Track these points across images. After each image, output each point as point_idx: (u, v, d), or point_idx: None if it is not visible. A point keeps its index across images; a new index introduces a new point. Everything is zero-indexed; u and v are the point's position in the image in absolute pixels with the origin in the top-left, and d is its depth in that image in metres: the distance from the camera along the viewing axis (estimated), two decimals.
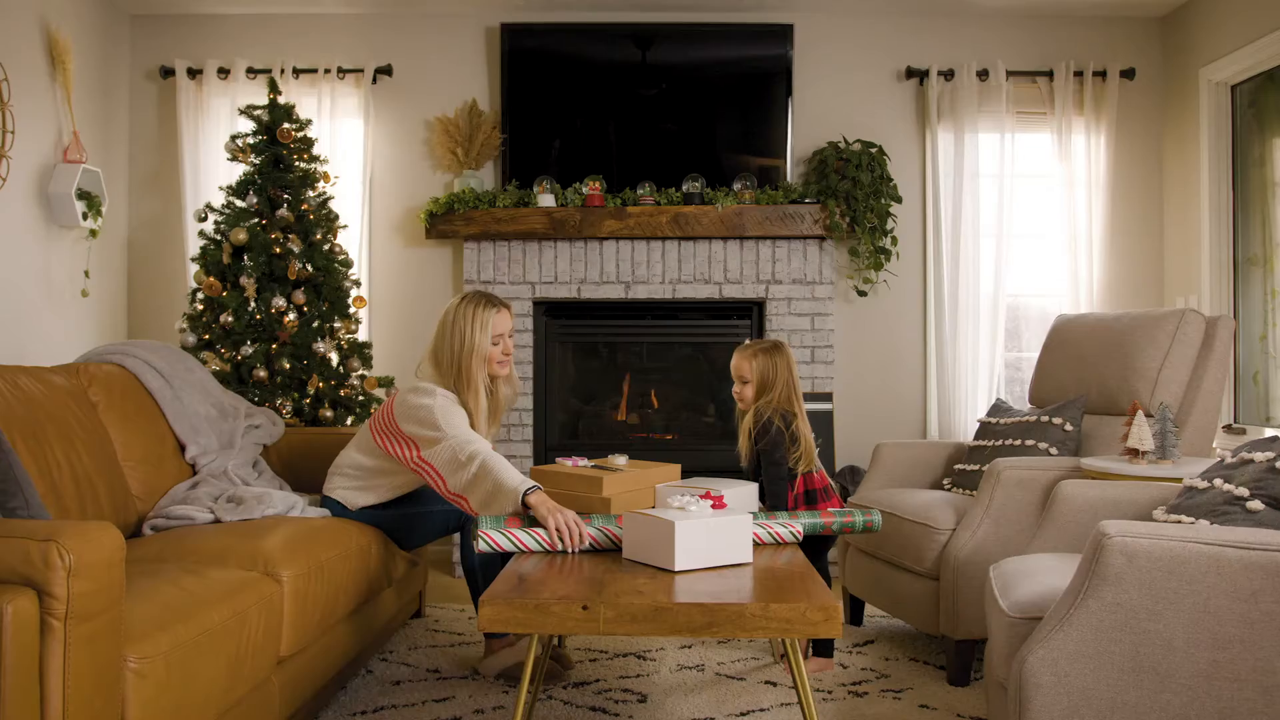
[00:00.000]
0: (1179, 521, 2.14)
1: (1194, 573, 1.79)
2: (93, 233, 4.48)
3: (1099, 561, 1.83)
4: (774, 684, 2.93)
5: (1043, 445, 3.23)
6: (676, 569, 2.23)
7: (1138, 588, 1.81)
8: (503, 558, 3.00)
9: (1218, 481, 2.15)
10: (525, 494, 2.55)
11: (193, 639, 1.86)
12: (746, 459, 3.07)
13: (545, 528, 2.45)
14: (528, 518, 2.52)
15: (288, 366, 4.10)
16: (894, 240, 4.70)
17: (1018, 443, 3.30)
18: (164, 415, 3.13)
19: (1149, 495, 2.48)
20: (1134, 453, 2.82)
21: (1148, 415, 3.07)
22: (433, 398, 2.84)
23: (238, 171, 4.39)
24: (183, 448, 3.13)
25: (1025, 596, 2.05)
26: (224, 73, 4.80)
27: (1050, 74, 4.80)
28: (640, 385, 5.01)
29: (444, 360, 2.94)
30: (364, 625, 2.87)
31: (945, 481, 3.56)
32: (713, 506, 2.36)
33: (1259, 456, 2.12)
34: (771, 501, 2.97)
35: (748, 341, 3.25)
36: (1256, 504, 2.02)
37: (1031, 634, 1.93)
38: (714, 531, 2.28)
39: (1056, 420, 3.27)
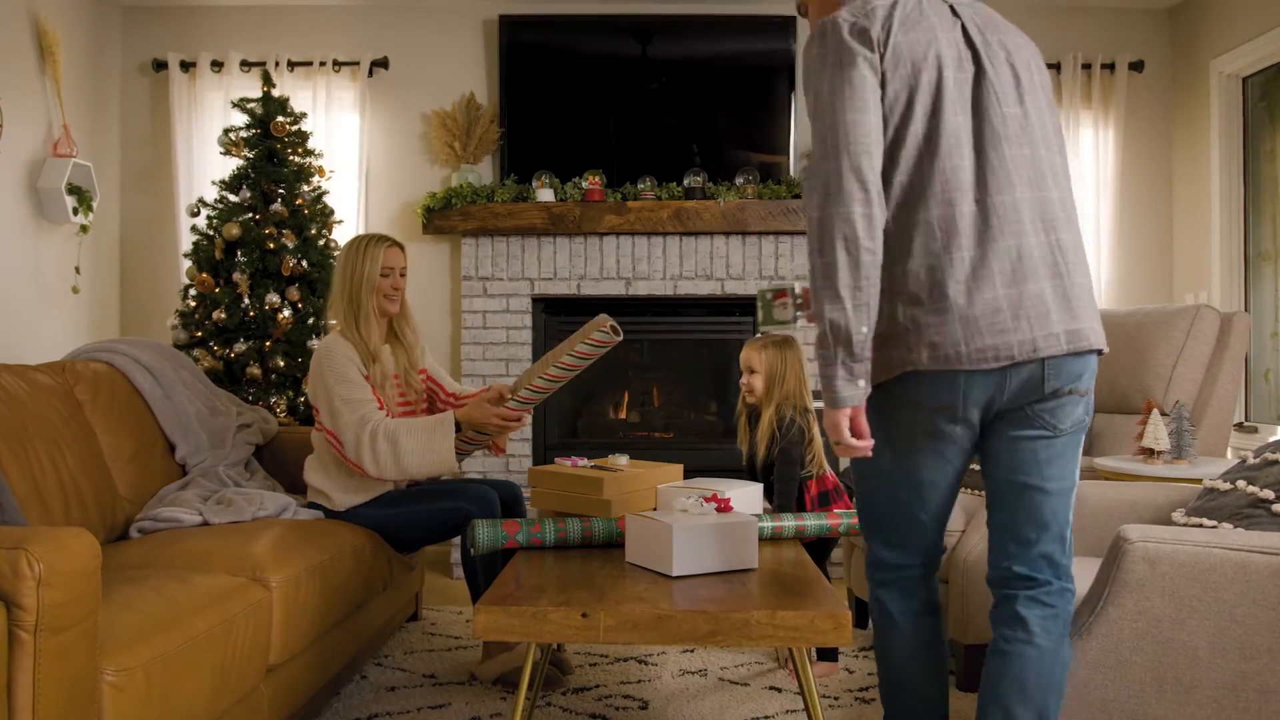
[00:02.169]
0: (1200, 525, 2.07)
1: (1220, 579, 1.72)
2: (84, 228, 4.40)
3: (1120, 568, 1.76)
4: (778, 690, 2.86)
5: None
6: (674, 574, 2.15)
7: (1161, 595, 1.74)
8: (504, 555, 2.92)
9: (1240, 483, 2.08)
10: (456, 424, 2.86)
11: (175, 649, 1.79)
12: (762, 457, 2.98)
13: (491, 433, 2.90)
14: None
15: (282, 364, 4.02)
16: None
17: None
18: (153, 414, 3.05)
19: (1167, 497, 2.40)
20: (1149, 452, 2.75)
21: (1162, 414, 3.00)
22: (319, 361, 2.92)
23: (231, 166, 4.31)
24: (172, 447, 3.06)
25: None
26: (217, 66, 4.72)
27: (1057, 66, 4.72)
28: (641, 383, 4.93)
29: (339, 290, 3.01)
30: (358, 630, 2.79)
31: None
32: (718, 509, 2.28)
33: None
34: (780, 501, 2.89)
35: (759, 334, 3.19)
36: None
37: None
38: (716, 535, 2.20)
39: None
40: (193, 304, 4.13)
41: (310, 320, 4.13)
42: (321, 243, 4.24)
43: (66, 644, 1.48)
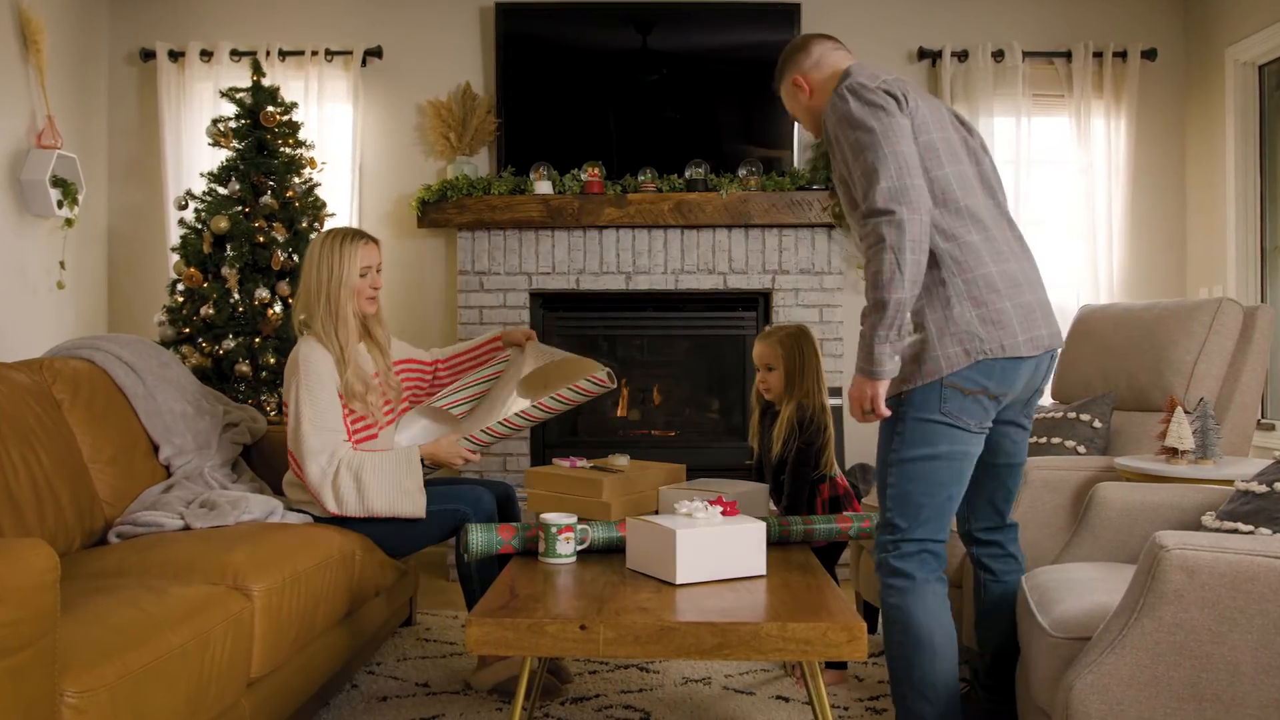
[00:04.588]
0: (1235, 529, 1.95)
1: (1264, 590, 1.60)
2: (69, 222, 4.29)
3: (1155, 577, 1.64)
4: (786, 699, 2.75)
5: (1070, 443, 3.04)
6: (678, 582, 2.05)
7: (1199, 606, 1.63)
8: (500, 561, 2.81)
9: (1278, 485, 1.96)
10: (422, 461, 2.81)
11: (145, 667, 1.67)
12: (776, 454, 2.83)
13: (453, 464, 2.83)
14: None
15: (272, 361, 3.91)
16: None
17: (1043, 440, 3.11)
18: (135, 414, 2.93)
19: (1194, 499, 2.29)
20: (1172, 452, 2.63)
21: (1186, 412, 2.88)
22: (295, 374, 2.79)
23: (220, 158, 4.19)
24: (156, 448, 2.94)
25: (1069, 614, 1.86)
26: (207, 55, 4.60)
27: (1068, 55, 4.60)
28: (642, 380, 4.82)
29: (313, 293, 2.85)
30: (348, 637, 2.67)
31: None
32: (724, 513, 2.17)
33: None
34: (789, 502, 2.78)
35: (768, 327, 3.06)
36: None
37: (1079, 657, 1.74)
38: (722, 541, 2.09)
39: (1084, 417, 3.08)
40: (180, 299, 4.01)
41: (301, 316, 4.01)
42: (313, 236, 4.12)
43: (20, 665, 1.36)
